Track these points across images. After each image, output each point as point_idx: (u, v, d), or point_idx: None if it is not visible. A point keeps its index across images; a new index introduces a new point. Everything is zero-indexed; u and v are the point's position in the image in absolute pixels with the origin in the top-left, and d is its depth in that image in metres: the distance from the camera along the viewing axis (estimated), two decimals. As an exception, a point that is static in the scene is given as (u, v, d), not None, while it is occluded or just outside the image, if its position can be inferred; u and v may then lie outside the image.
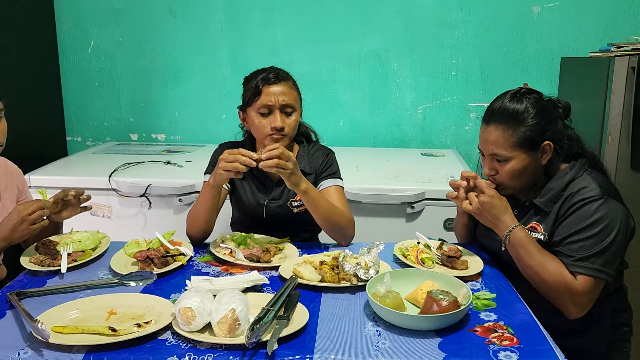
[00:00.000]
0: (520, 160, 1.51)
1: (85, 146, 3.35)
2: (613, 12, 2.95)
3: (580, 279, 1.43)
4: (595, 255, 1.42)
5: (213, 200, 1.75)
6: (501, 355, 1.14)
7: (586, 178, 1.50)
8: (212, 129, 3.26)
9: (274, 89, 1.77)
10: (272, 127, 1.77)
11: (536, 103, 1.51)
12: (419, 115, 3.19)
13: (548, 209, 1.53)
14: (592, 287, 1.43)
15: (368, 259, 1.49)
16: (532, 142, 1.50)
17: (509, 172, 1.52)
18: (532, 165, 1.52)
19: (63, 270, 1.54)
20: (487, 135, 1.54)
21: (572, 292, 1.43)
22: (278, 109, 1.78)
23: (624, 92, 2.19)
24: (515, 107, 1.50)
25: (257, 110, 1.78)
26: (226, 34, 3.17)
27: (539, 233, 1.53)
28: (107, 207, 2.49)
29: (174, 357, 1.14)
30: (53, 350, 1.15)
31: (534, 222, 1.55)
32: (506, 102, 1.52)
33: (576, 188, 1.49)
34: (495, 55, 3.07)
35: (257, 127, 1.80)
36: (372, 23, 3.09)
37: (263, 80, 1.77)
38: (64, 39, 3.23)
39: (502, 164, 1.53)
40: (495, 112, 1.53)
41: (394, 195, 2.36)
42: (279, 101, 1.77)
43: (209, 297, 1.28)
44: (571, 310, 1.46)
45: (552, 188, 1.53)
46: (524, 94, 1.53)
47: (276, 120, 1.77)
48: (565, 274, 1.44)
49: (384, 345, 1.18)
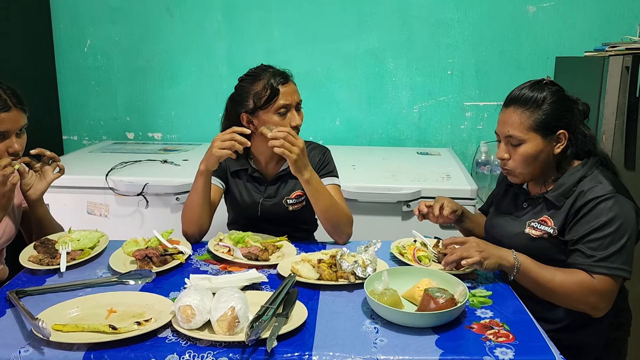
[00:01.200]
0: (534, 144, 1.52)
1: (82, 145, 3.34)
2: (607, 12, 2.97)
3: (600, 279, 1.44)
4: (615, 254, 1.43)
5: (205, 189, 1.76)
6: (497, 352, 1.16)
7: (597, 176, 1.51)
8: (209, 128, 3.26)
9: (288, 88, 1.78)
10: (292, 126, 1.78)
11: (556, 93, 1.54)
12: (414, 114, 3.20)
13: (559, 204, 1.53)
14: (614, 285, 1.45)
15: (365, 257, 1.51)
16: (547, 127, 1.51)
17: (522, 156, 1.53)
18: (544, 152, 1.53)
19: (62, 269, 1.55)
20: (505, 117, 1.56)
21: (596, 293, 1.44)
22: (294, 107, 1.79)
23: (618, 92, 2.21)
24: (535, 93, 1.53)
25: (275, 111, 1.76)
26: (223, 33, 3.17)
27: (549, 227, 1.54)
28: (104, 206, 2.49)
29: (174, 354, 1.15)
30: (54, 349, 1.16)
31: (545, 216, 1.56)
32: (527, 88, 1.55)
33: (588, 185, 1.50)
34: (491, 55, 3.09)
35: None
36: (368, 22, 3.11)
37: (277, 81, 1.76)
38: (60, 38, 3.23)
39: (516, 148, 1.54)
40: (516, 96, 1.55)
41: (390, 194, 2.37)
42: (294, 99, 1.79)
43: (208, 295, 1.29)
44: (598, 310, 1.47)
45: (564, 183, 1.54)
46: (546, 84, 1.55)
47: (295, 118, 1.79)
48: (582, 277, 1.45)
49: (381, 342, 1.20)
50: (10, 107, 1.58)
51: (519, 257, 1.47)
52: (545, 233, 1.54)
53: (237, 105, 1.82)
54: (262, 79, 1.77)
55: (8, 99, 1.58)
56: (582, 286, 1.44)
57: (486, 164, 3.01)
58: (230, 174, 1.92)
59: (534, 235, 1.56)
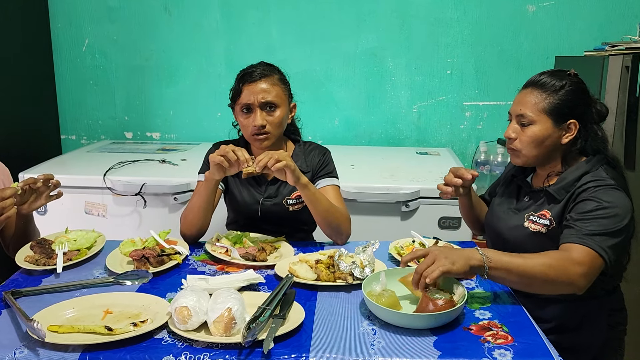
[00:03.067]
0: (543, 128, 1.52)
1: (80, 144, 3.33)
2: (607, 11, 2.96)
3: (580, 250, 1.38)
4: (603, 235, 1.39)
5: (208, 194, 1.75)
6: (496, 354, 1.15)
7: (601, 172, 1.50)
8: (207, 128, 3.26)
9: (254, 87, 1.77)
10: (252, 126, 1.77)
11: (576, 84, 1.54)
12: (414, 113, 3.19)
13: (560, 197, 1.52)
14: (594, 262, 1.38)
15: (363, 258, 1.50)
16: (560, 114, 1.51)
17: (530, 137, 1.53)
18: (552, 138, 1.53)
19: (59, 270, 1.54)
20: (521, 97, 1.57)
21: (575, 263, 1.36)
22: (258, 107, 1.77)
23: (618, 91, 2.20)
24: (555, 80, 1.53)
25: (240, 110, 1.80)
26: (221, 32, 3.16)
27: (546, 219, 1.53)
28: (102, 206, 2.48)
29: (170, 356, 1.14)
30: (49, 350, 1.15)
31: (545, 210, 1.55)
32: (548, 74, 1.56)
33: (589, 179, 1.49)
34: (490, 54, 3.08)
35: (242, 127, 1.84)
36: (367, 21, 3.10)
37: (243, 78, 1.79)
38: (58, 37, 3.22)
39: (525, 128, 1.54)
40: (536, 79, 1.57)
41: (389, 194, 2.36)
42: (258, 99, 1.76)
43: (205, 296, 1.28)
44: (578, 283, 1.37)
45: (566, 177, 1.54)
46: (569, 75, 1.56)
47: (256, 118, 1.77)
48: (560, 253, 1.40)
49: (379, 343, 1.19)
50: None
51: (486, 253, 1.36)
52: (544, 227, 1.53)
53: None
54: (238, 76, 1.82)
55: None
56: (559, 259, 1.37)
57: (485, 164, 3.00)
58: (229, 172, 1.92)
59: (532, 229, 1.55)
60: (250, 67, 1.83)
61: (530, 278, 1.36)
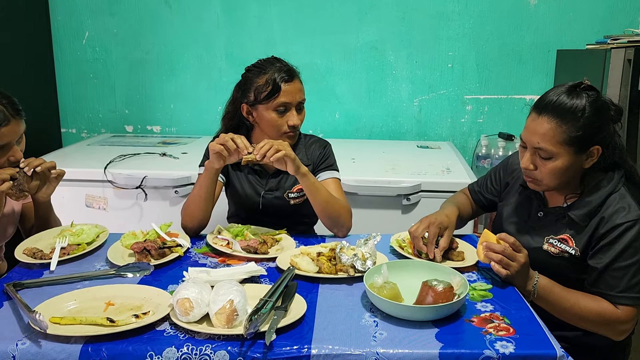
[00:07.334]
0: (564, 159, 1.41)
1: (80, 138, 3.33)
2: (609, 4, 2.95)
3: (623, 309, 1.41)
4: (639, 283, 1.40)
5: (209, 184, 1.75)
6: (497, 346, 1.15)
7: (625, 196, 1.44)
8: (208, 121, 3.25)
9: (292, 87, 1.76)
10: (289, 126, 1.77)
11: (595, 102, 1.40)
12: (415, 107, 3.19)
13: (584, 224, 1.45)
14: (636, 315, 1.42)
15: (365, 251, 1.50)
16: (582, 143, 1.40)
17: (551, 170, 1.43)
18: (574, 167, 1.43)
19: (52, 267, 1.52)
20: (537, 127, 1.41)
21: (617, 322, 1.41)
22: (295, 107, 1.78)
23: (620, 85, 2.20)
24: (573, 102, 1.39)
25: (274, 108, 1.76)
26: (222, 25, 3.15)
27: (571, 247, 1.47)
28: (103, 199, 2.48)
29: (172, 347, 1.14)
30: (51, 341, 1.15)
31: (566, 235, 1.49)
32: (564, 95, 1.40)
33: (614, 208, 1.43)
34: (492, 48, 3.07)
35: (273, 124, 1.78)
36: (368, 15, 3.09)
37: (281, 78, 1.75)
38: (58, 30, 3.21)
39: (545, 161, 1.42)
40: (551, 104, 1.41)
41: (390, 187, 2.36)
42: (296, 99, 1.77)
43: (207, 288, 1.28)
44: (619, 336, 1.45)
45: (590, 201, 1.45)
46: (584, 89, 1.41)
47: (294, 118, 1.77)
48: (604, 306, 1.42)
49: (381, 335, 1.19)
50: (9, 120, 1.53)
51: (540, 282, 1.44)
52: (566, 252, 1.48)
53: (240, 94, 1.82)
54: (267, 73, 1.76)
55: (5, 110, 1.52)
56: (604, 316, 1.41)
57: (486, 158, 3.00)
58: (231, 166, 1.91)
59: (552, 253, 1.50)
60: (272, 63, 1.79)
61: (572, 319, 1.45)
